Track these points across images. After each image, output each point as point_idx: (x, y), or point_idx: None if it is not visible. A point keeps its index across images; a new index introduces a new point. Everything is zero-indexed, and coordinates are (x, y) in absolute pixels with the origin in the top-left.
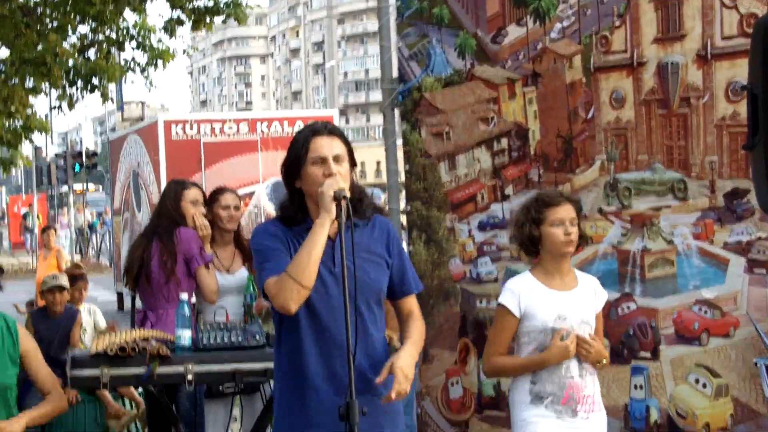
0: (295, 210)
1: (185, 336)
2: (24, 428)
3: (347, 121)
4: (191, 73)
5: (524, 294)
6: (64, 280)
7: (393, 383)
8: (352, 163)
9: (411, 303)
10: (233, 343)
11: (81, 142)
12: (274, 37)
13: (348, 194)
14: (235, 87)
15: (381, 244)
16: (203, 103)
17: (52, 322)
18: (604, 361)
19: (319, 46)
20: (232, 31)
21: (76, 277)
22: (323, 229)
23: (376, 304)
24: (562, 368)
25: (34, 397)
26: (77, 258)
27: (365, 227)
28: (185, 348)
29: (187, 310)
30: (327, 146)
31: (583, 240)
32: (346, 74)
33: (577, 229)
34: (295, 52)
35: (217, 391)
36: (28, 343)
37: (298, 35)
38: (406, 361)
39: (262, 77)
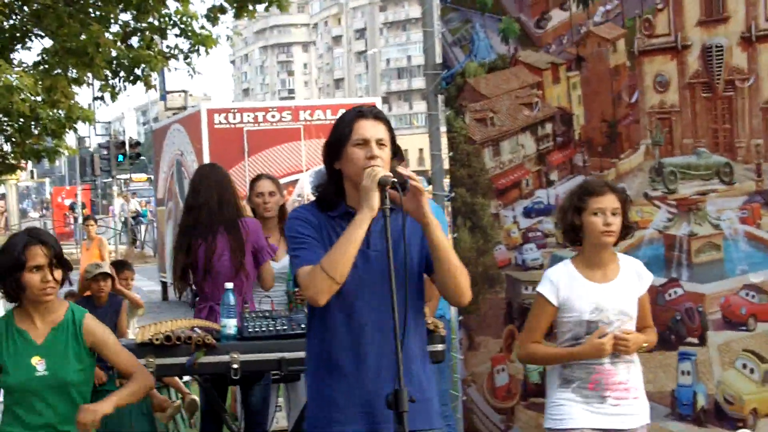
0: (332, 192)
1: (231, 325)
2: (113, 408)
3: (390, 109)
4: (233, 62)
5: (563, 284)
6: (107, 268)
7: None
8: (394, 152)
9: None
10: (278, 332)
11: (124, 132)
12: (316, 25)
13: (393, 179)
14: (278, 75)
15: (418, 227)
16: (245, 91)
17: (97, 312)
18: (645, 346)
19: (361, 33)
20: (274, 19)
21: (123, 265)
22: (362, 226)
23: (416, 291)
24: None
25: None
26: (121, 248)
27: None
28: (230, 337)
29: (232, 299)
30: (371, 129)
31: (629, 230)
32: (388, 61)
33: (620, 219)
34: (337, 39)
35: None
36: (97, 334)
37: (340, 22)
38: None
39: (305, 65)
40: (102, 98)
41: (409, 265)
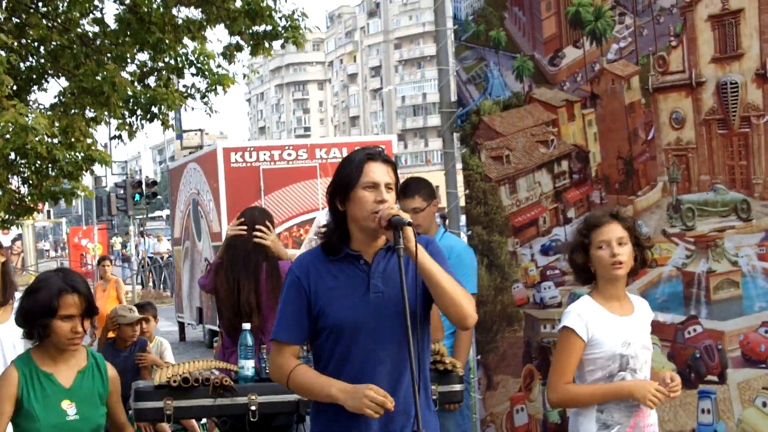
0: (337, 237)
1: (248, 366)
2: None
3: (405, 146)
4: (249, 100)
5: (591, 318)
6: (137, 313)
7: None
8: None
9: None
10: None
11: (140, 171)
12: (331, 63)
13: (407, 220)
14: (294, 113)
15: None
16: (261, 129)
17: (122, 355)
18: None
19: (376, 70)
20: (289, 57)
21: (145, 307)
22: (327, 395)
23: (421, 330)
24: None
25: None
26: (138, 288)
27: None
28: (248, 378)
29: (249, 340)
30: (381, 172)
31: (644, 257)
32: (403, 99)
33: (629, 248)
34: (352, 77)
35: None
36: (116, 383)
37: (355, 60)
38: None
39: (320, 103)
40: (120, 137)
41: (411, 305)
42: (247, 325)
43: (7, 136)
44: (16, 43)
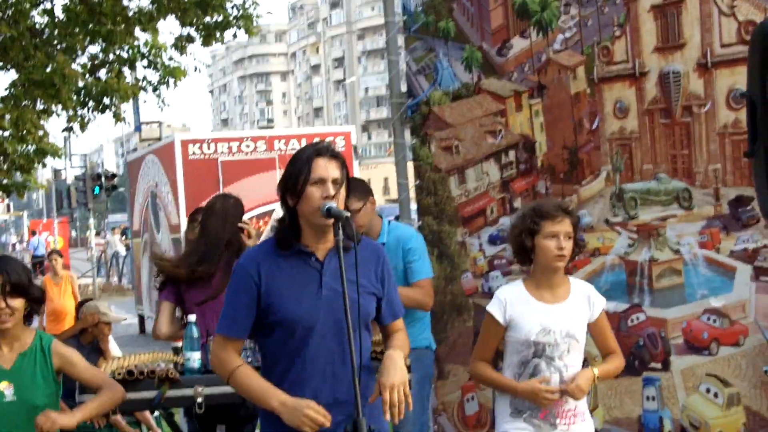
0: (288, 232)
1: (194, 358)
2: (77, 423)
3: (369, 137)
4: (212, 92)
5: (511, 304)
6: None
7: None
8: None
9: (397, 326)
10: (257, 364)
11: (102, 163)
12: (294, 54)
13: (347, 214)
14: (257, 105)
15: (370, 269)
16: (225, 122)
17: (88, 350)
18: (596, 377)
19: (339, 62)
20: (252, 49)
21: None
22: (266, 402)
23: (365, 328)
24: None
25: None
26: (99, 281)
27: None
28: (194, 370)
29: (195, 332)
30: (328, 168)
31: (579, 251)
32: (367, 90)
33: (572, 244)
34: (315, 68)
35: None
36: (64, 355)
37: (318, 51)
38: (389, 375)
39: (284, 94)
40: (71, 129)
41: (361, 303)
42: (192, 317)
43: None
44: None
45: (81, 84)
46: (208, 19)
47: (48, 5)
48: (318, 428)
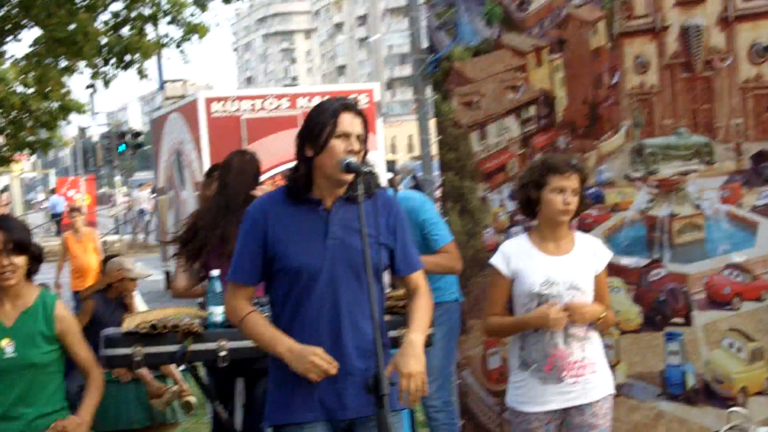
0: (303, 183)
1: (217, 312)
2: (89, 422)
3: (393, 95)
4: (236, 50)
5: (514, 256)
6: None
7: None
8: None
9: (416, 279)
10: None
11: (127, 122)
12: (317, 12)
13: (368, 169)
14: (280, 63)
15: (381, 220)
16: (249, 80)
17: (116, 305)
18: (603, 317)
19: (363, 19)
20: (275, 7)
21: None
22: (275, 348)
23: (375, 279)
24: (546, 337)
25: (73, 382)
26: (126, 238)
27: (365, 203)
28: (218, 324)
29: (218, 287)
30: (354, 123)
31: (584, 207)
32: (390, 47)
33: (578, 200)
34: (338, 26)
35: None
36: (66, 321)
37: (341, 9)
38: (408, 364)
39: (307, 52)
40: (94, 86)
41: (370, 253)
42: (215, 272)
43: None
44: None
45: (103, 41)
46: None
47: None
48: (323, 375)
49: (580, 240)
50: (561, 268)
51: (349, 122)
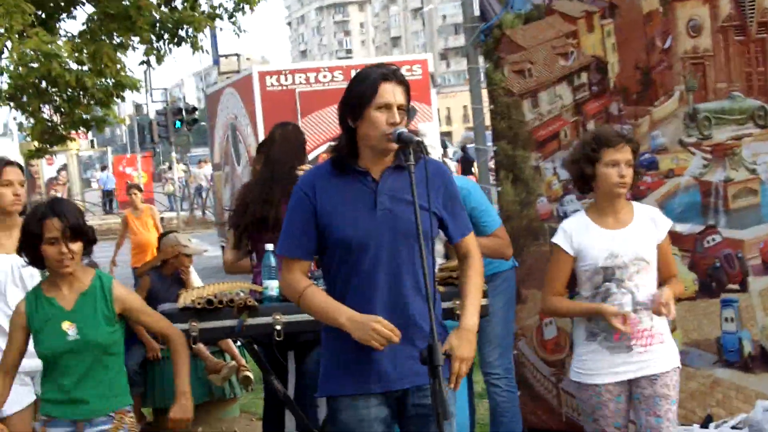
0: (347, 153)
1: (272, 286)
2: (189, 395)
3: (448, 65)
4: (290, 24)
5: (576, 233)
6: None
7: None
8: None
9: (467, 244)
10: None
11: (183, 98)
12: None
13: (419, 139)
14: (335, 36)
15: (432, 189)
16: (303, 53)
17: (171, 281)
18: (683, 290)
19: None
20: None
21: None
22: (336, 320)
23: (426, 249)
24: (614, 305)
25: (132, 359)
26: (183, 215)
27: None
28: (273, 298)
29: (273, 261)
30: (395, 93)
31: (638, 178)
32: (444, 17)
33: (632, 171)
34: None
35: None
36: (127, 300)
37: None
38: (462, 348)
39: (361, 24)
40: (148, 62)
41: (421, 224)
42: (269, 246)
43: (33, 64)
44: None
45: (156, 16)
46: None
47: None
48: (386, 344)
49: (639, 210)
50: (623, 241)
51: (389, 92)
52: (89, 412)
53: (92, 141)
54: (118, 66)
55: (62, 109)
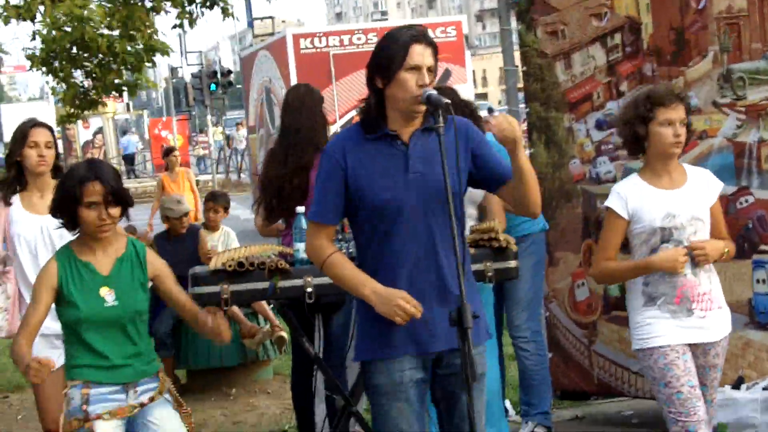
0: (375, 114)
1: (303, 249)
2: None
3: (483, 27)
4: None
5: (631, 196)
6: (187, 205)
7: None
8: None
9: None
10: (351, 254)
11: (219, 61)
12: None
13: (448, 101)
14: None
15: (460, 146)
16: (338, 15)
17: (175, 244)
18: (726, 251)
19: None
20: None
21: (216, 197)
22: (360, 291)
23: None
24: None
25: (163, 323)
26: (219, 177)
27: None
28: (304, 261)
29: (304, 223)
30: (425, 55)
31: (689, 136)
32: None
33: (686, 130)
34: None
35: None
36: (158, 266)
37: None
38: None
39: None
40: (181, 26)
41: (453, 185)
42: (301, 208)
43: (66, 28)
44: None
45: None
46: None
47: None
48: (408, 319)
49: (691, 172)
50: (680, 201)
51: (419, 54)
52: (135, 375)
53: (128, 104)
54: (150, 30)
55: (94, 74)
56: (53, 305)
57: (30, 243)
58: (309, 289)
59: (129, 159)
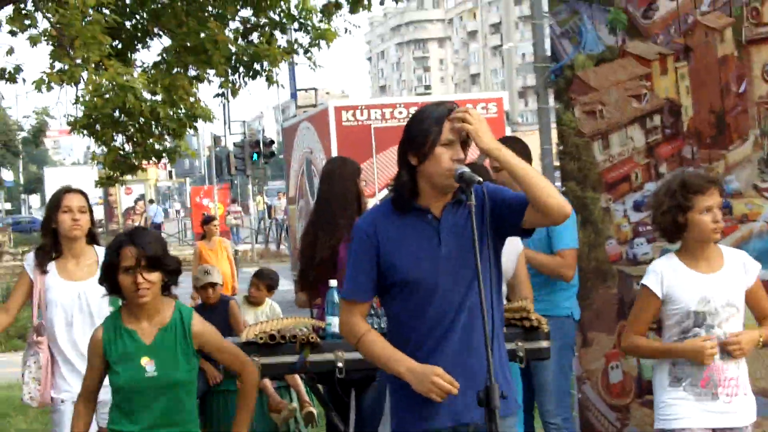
0: (408, 191)
1: (335, 323)
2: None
3: (526, 104)
4: (370, 59)
5: (667, 276)
6: (216, 276)
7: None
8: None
9: None
10: (383, 329)
11: (263, 131)
12: (451, 20)
13: (480, 179)
14: (414, 71)
15: (482, 219)
16: (382, 88)
17: (206, 314)
18: (761, 340)
19: (496, 27)
20: (409, 15)
21: (262, 275)
22: (397, 373)
23: (494, 286)
24: None
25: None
26: (258, 247)
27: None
28: (335, 335)
29: (336, 297)
30: (458, 130)
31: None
32: (524, 55)
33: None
34: (472, 34)
35: None
36: (205, 335)
37: (475, 17)
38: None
39: (441, 61)
40: (223, 95)
41: (483, 259)
42: (333, 282)
43: (107, 95)
44: (117, 3)
45: (232, 49)
46: None
47: None
48: (445, 395)
49: (728, 254)
50: (716, 286)
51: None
52: None
53: (170, 172)
54: (192, 99)
55: (135, 139)
56: None
57: (66, 310)
58: (340, 364)
59: (155, 228)
